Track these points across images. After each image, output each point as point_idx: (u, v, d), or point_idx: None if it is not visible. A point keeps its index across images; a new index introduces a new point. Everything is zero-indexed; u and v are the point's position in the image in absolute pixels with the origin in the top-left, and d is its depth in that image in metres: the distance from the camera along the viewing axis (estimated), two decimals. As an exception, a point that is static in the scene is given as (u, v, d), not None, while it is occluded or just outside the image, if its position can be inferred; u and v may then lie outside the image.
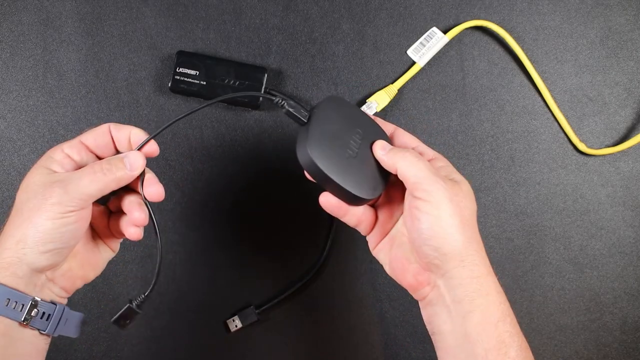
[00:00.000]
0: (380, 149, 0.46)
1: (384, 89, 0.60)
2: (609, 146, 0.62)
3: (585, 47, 0.62)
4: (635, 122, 0.62)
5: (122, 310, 0.45)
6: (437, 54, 0.61)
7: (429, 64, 0.61)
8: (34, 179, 0.41)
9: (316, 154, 0.44)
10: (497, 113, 0.62)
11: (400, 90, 0.61)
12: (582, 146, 0.61)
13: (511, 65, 0.62)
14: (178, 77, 0.59)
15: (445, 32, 0.61)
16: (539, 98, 0.62)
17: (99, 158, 0.44)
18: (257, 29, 0.61)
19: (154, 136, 0.44)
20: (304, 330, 0.61)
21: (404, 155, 0.44)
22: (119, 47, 0.61)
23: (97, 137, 0.43)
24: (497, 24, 0.61)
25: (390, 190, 0.48)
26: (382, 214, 0.48)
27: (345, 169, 0.44)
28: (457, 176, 0.45)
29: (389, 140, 0.48)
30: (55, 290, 0.43)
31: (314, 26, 0.62)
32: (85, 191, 0.40)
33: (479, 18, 0.62)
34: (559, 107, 0.61)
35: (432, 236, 0.42)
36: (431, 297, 0.44)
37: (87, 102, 0.61)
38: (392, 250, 0.47)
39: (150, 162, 0.63)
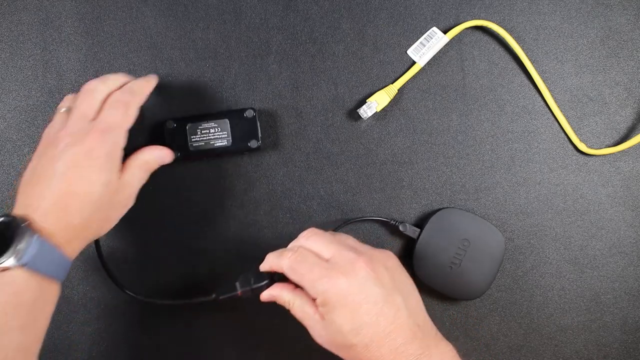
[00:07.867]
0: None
1: (384, 89, 0.60)
2: (609, 146, 0.62)
3: (586, 47, 0.62)
4: (635, 122, 0.62)
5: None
6: (437, 54, 0.61)
7: (429, 64, 0.61)
8: None
9: (422, 274, 0.57)
10: (497, 113, 0.62)
11: (400, 90, 0.61)
12: (582, 146, 0.61)
13: (511, 65, 0.62)
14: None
15: (445, 32, 0.61)
16: (539, 98, 0.62)
17: None
18: (257, 29, 0.61)
19: None
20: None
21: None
22: (119, 47, 0.61)
23: None
24: (497, 24, 0.61)
25: None
26: None
27: (447, 279, 0.57)
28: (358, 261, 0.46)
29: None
30: None
31: (314, 26, 0.62)
32: None
33: (479, 18, 0.62)
34: (559, 107, 0.61)
35: None
36: None
37: (87, 102, 0.61)
38: None
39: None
